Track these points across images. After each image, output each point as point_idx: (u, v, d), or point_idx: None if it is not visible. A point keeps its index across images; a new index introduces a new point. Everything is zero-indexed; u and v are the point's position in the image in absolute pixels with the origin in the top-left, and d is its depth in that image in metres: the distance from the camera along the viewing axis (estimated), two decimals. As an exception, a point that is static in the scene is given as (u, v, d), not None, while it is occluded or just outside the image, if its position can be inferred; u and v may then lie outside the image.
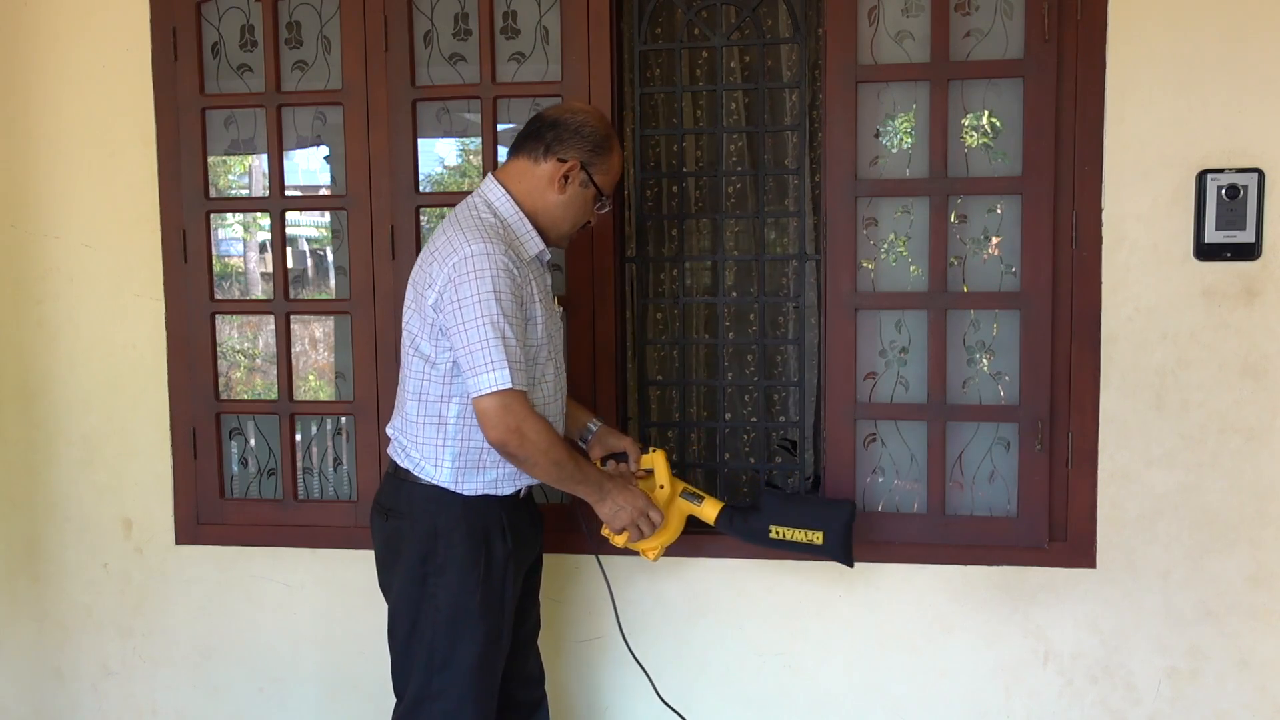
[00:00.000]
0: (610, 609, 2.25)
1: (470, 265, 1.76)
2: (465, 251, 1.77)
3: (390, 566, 1.97)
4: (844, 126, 2.23)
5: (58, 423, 2.55)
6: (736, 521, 2.10)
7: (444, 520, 1.88)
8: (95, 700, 2.61)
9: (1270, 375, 2.16)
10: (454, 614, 1.87)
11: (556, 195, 1.90)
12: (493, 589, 1.89)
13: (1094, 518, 2.22)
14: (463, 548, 1.87)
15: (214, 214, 2.52)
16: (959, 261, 2.27)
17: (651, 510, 2.00)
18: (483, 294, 1.76)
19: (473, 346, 1.76)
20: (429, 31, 2.40)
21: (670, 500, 2.08)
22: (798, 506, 2.12)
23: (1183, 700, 2.25)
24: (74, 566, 2.58)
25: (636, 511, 1.98)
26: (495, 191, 1.91)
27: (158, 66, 2.43)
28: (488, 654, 1.90)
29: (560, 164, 1.88)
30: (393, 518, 1.94)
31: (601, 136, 1.91)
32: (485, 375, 1.76)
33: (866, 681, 2.34)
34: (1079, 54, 2.15)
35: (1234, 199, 2.12)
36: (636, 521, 1.98)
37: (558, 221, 1.93)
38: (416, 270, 1.90)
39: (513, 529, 1.93)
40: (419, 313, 1.86)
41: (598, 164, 1.91)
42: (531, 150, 1.90)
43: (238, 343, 3.74)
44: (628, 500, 1.97)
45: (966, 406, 2.28)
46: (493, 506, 1.91)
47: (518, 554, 1.94)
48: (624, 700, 2.43)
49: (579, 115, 1.91)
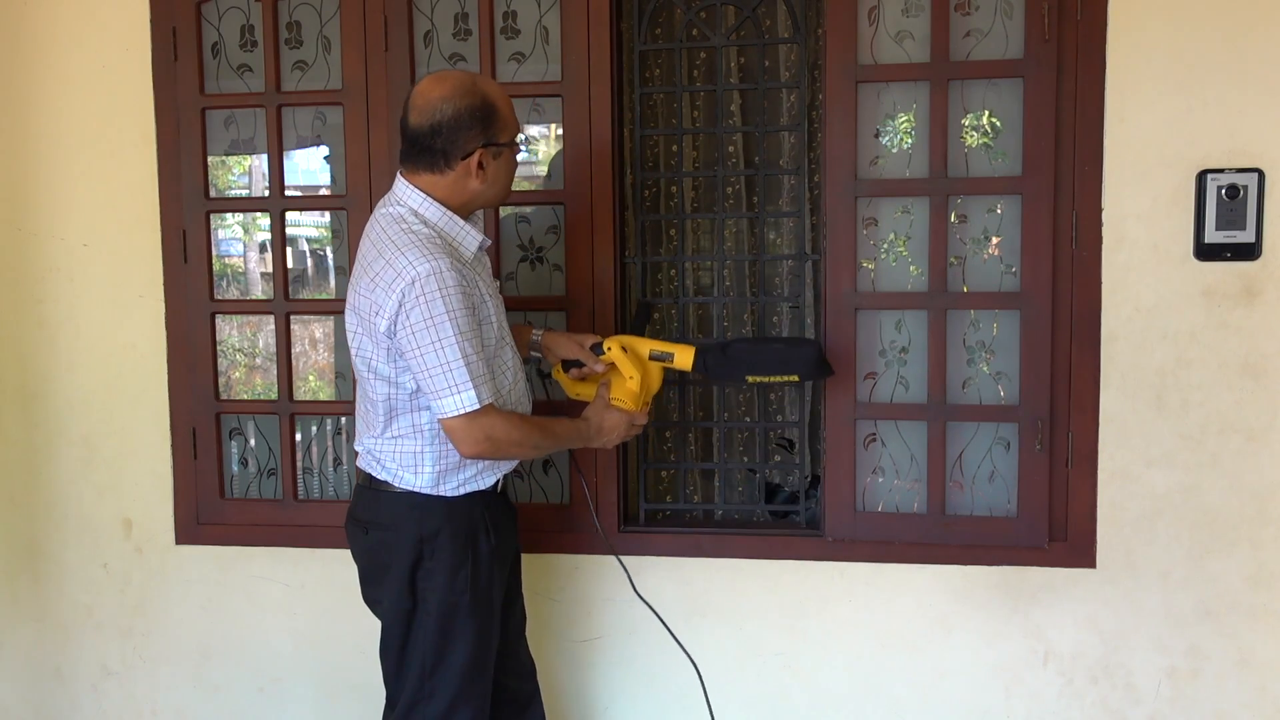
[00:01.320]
0: (610, 610, 2.25)
1: (419, 289, 1.71)
2: (411, 274, 1.71)
3: (376, 580, 1.95)
4: (844, 126, 2.23)
5: (58, 423, 2.55)
6: (712, 366, 2.07)
7: (428, 526, 1.87)
8: (95, 700, 2.61)
9: (1270, 375, 2.16)
10: (445, 616, 1.87)
11: (478, 184, 1.82)
12: (480, 587, 1.89)
13: (1094, 518, 2.22)
14: (449, 550, 1.87)
15: (214, 214, 2.52)
16: (959, 261, 2.27)
17: (636, 419, 2.05)
18: (436, 316, 1.72)
19: (432, 371, 1.74)
20: (429, 31, 2.40)
21: (644, 372, 2.06)
22: (767, 356, 2.10)
23: (1183, 700, 2.25)
24: (74, 566, 2.58)
25: (623, 430, 2.04)
26: (414, 197, 1.81)
27: (158, 66, 2.43)
28: (479, 652, 1.90)
29: (465, 160, 1.79)
30: (374, 530, 1.93)
31: (481, 105, 1.77)
32: (450, 399, 1.75)
33: (866, 681, 2.34)
34: (1079, 54, 2.15)
35: (1234, 199, 2.12)
36: (629, 434, 2.05)
37: (492, 198, 1.89)
38: (353, 294, 1.83)
39: (494, 526, 1.93)
40: (369, 337, 1.81)
41: (495, 130, 1.80)
42: (429, 164, 1.80)
43: (238, 343, 3.74)
44: (610, 428, 2.02)
45: (966, 406, 2.28)
46: (475, 506, 1.91)
47: (500, 549, 1.94)
48: (623, 700, 2.43)
49: (445, 105, 1.76)
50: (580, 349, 2.08)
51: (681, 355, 2.08)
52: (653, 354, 2.08)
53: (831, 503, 2.31)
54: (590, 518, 2.38)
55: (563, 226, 2.41)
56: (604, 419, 2.02)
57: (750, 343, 2.21)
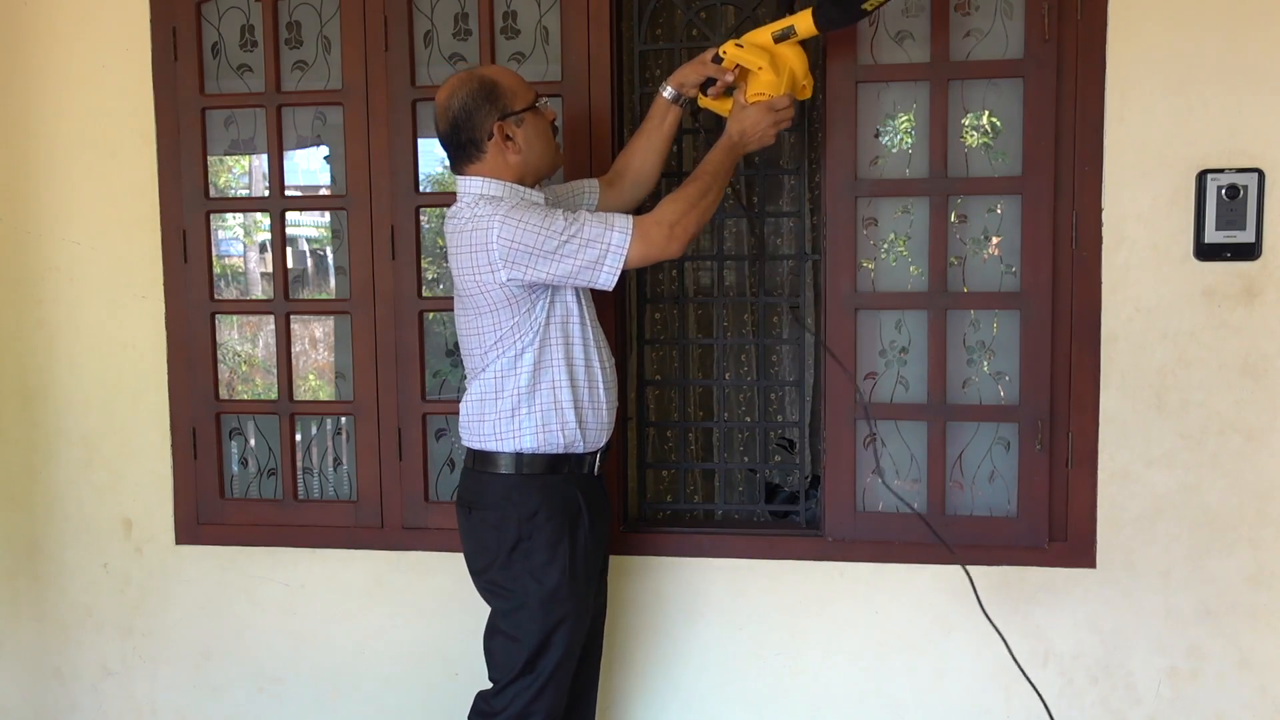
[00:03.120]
0: (610, 610, 2.25)
1: (509, 224, 1.79)
2: (495, 222, 1.80)
3: (479, 558, 1.98)
4: (844, 126, 2.23)
5: (58, 423, 2.55)
6: (832, 14, 1.97)
7: (527, 506, 1.90)
8: (95, 700, 2.61)
9: (1270, 375, 2.16)
10: (548, 596, 1.90)
11: (517, 155, 1.90)
12: (578, 567, 1.93)
13: (1094, 518, 2.22)
14: (548, 529, 1.90)
15: (214, 214, 2.52)
16: (959, 261, 2.27)
17: (775, 103, 1.98)
18: (534, 224, 1.79)
19: (576, 253, 1.81)
20: (429, 31, 2.40)
21: (774, 58, 1.99)
22: None
23: (1183, 700, 2.25)
24: (74, 566, 2.58)
25: (769, 120, 1.98)
26: (474, 184, 1.91)
27: (158, 66, 2.43)
28: (578, 630, 1.95)
29: (491, 140, 1.88)
30: (476, 510, 1.96)
31: (484, 86, 1.88)
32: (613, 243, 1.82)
33: (866, 681, 2.34)
34: (1079, 54, 2.15)
35: (1234, 199, 2.12)
36: (775, 123, 1.99)
37: (539, 161, 1.94)
38: (460, 280, 1.90)
39: (590, 507, 1.96)
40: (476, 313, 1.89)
41: (503, 101, 1.88)
42: (469, 155, 1.91)
43: (238, 343, 3.74)
44: (752, 126, 1.98)
45: (966, 406, 2.28)
46: (571, 486, 1.94)
47: (595, 531, 1.97)
48: (623, 700, 2.43)
49: (454, 101, 1.88)
50: (702, 65, 2.05)
51: (801, 22, 1.97)
52: (774, 35, 2.00)
53: (831, 503, 2.31)
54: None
55: (563, 226, 2.41)
56: (742, 122, 1.99)
57: None
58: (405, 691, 2.48)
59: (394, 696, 2.48)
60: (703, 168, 1.96)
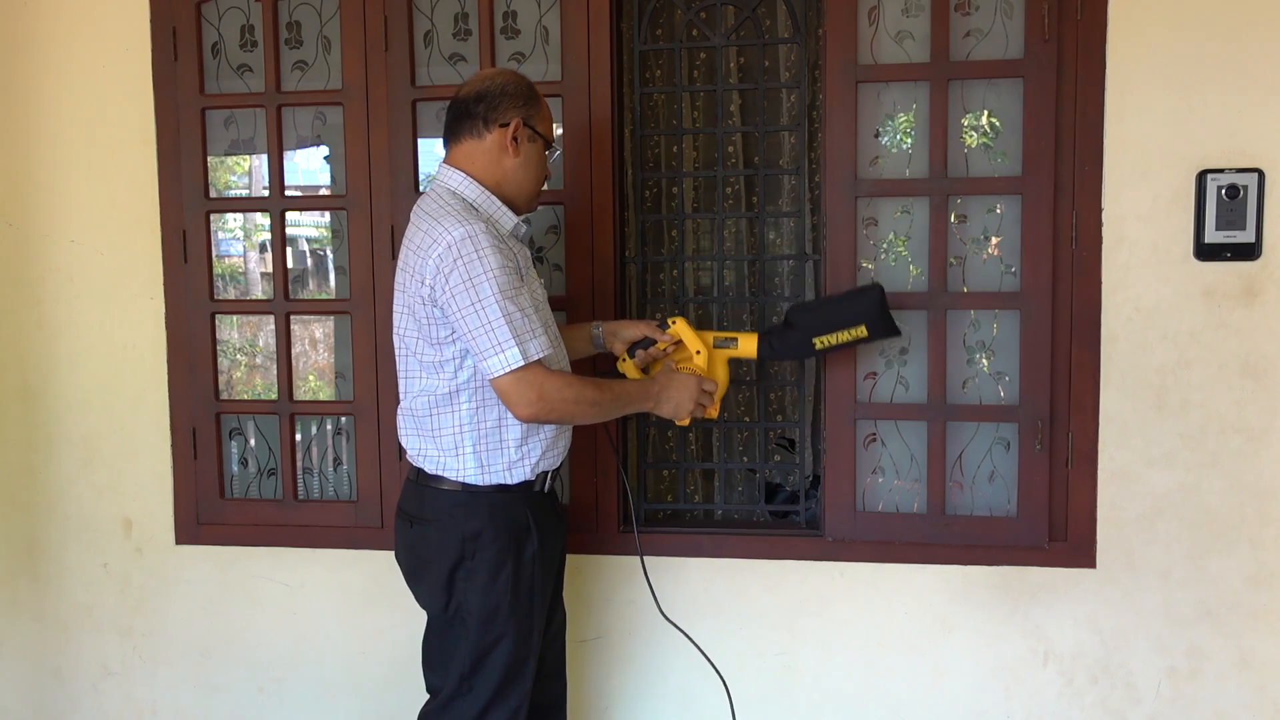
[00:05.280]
0: (610, 610, 2.25)
1: (456, 252, 1.75)
2: (448, 239, 1.76)
3: (418, 573, 1.96)
4: (844, 126, 2.23)
5: (58, 423, 2.55)
6: (777, 346, 2.07)
7: (472, 525, 1.87)
8: (95, 700, 2.61)
9: (1270, 375, 2.16)
10: (486, 616, 1.87)
11: (512, 159, 1.90)
12: (523, 589, 1.89)
13: (1094, 518, 2.22)
14: (492, 550, 1.87)
15: (214, 214, 2.52)
16: (959, 261, 2.27)
17: (704, 383, 2.02)
18: (474, 278, 1.75)
19: (475, 332, 1.77)
20: (429, 31, 2.40)
21: (708, 360, 2.06)
22: (829, 311, 2.08)
23: (1183, 700, 2.25)
24: (74, 566, 2.58)
25: (694, 393, 2.01)
26: (454, 177, 1.89)
27: (158, 66, 2.43)
28: (519, 653, 1.90)
29: (504, 129, 1.88)
30: (418, 524, 1.93)
31: (526, 89, 1.92)
32: (495, 358, 1.77)
33: (866, 681, 2.34)
34: (1079, 54, 2.15)
35: (1234, 199, 2.12)
36: (698, 401, 2.01)
37: (522, 184, 1.93)
38: (400, 272, 1.89)
39: (540, 527, 1.92)
40: (410, 314, 1.86)
41: (534, 115, 1.92)
42: (470, 129, 1.90)
43: (238, 343, 3.75)
44: (680, 389, 2.00)
45: (966, 406, 2.28)
46: (519, 505, 1.91)
47: (545, 551, 1.94)
48: (623, 700, 2.43)
49: (497, 79, 1.91)
50: (646, 325, 2.10)
51: (745, 341, 2.07)
52: (717, 340, 2.07)
53: (831, 503, 2.31)
54: (591, 518, 2.38)
55: (563, 227, 2.41)
56: (670, 380, 2.00)
57: (808, 306, 2.18)
58: (405, 692, 2.47)
59: (393, 697, 2.48)
60: (614, 388, 1.92)
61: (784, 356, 2.11)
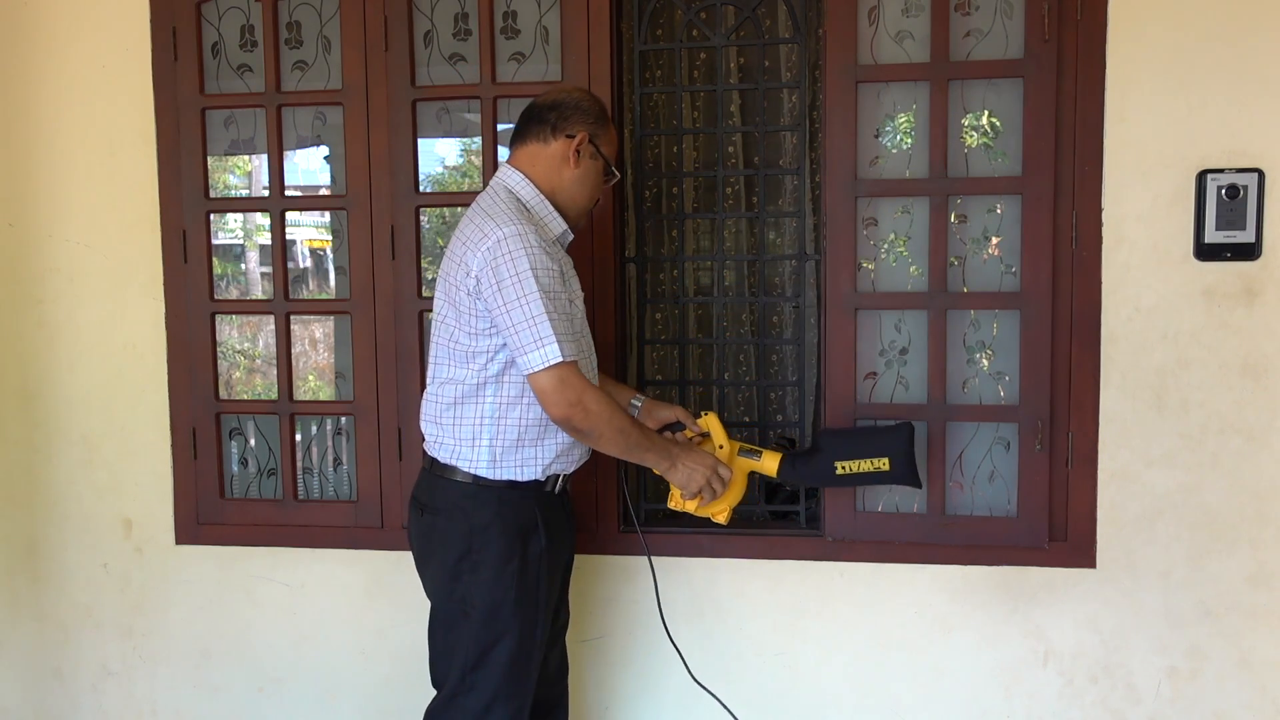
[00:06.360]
0: (610, 610, 2.25)
1: (505, 247, 1.79)
2: (498, 235, 1.80)
3: (426, 562, 1.98)
4: (844, 126, 2.23)
5: (58, 423, 2.55)
6: (800, 468, 2.10)
7: (480, 518, 1.89)
8: (95, 700, 2.61)
9: (1270, 375, 2.16)
10: (490, 611, 1.88)
11: (571, 171, 1.94)
12: (527, 586, 1.90)
13: (1094, 518, 2.22)
14: (498, 545, 1.88)
15: (214, 214, 2.52)
16: (959, 261, 2.27)
17: (721, 467, 2.03)
18: (521, 273, 1.78)
19: (518, 326, 1.79)
20: (429, 31, 2.40)
21: (730, 460, 2.08)
22: (857, 439, 2.12)
23: (1183, 700, 2.25)
24: (74, 566, 2.58)
25: (709, 470, 2.00)
26: (513, 177, 1.94)
27: (158, 66, 2.43)
28: (522, 651, 1.91)
29: (569, 140, 1.93)
30: (428, 513, 1.95)
31: (599, 110, 1.98)
32: (535, 353, 1.78)
33: (866, 681, 2.34)
34: (1079, 54, 2.15)
35: (1234, 199, 2.12)
36: (710, 481, 2.01)
37: (575, 198, 1.97)
38: (446, 261, 1.92)
39: (548, 526, 1.93)
40: (452, 305, 1.88)
41: (601, 136, 1.97)
42: (538, 133, 1.95)
43: (238, 343, 3.75)
44: (697, 462, 2.00)
45: (966, 406, 2.28)
46: (528, 503, 1.92)
47: (552, 551, 1.94)
48: (623, 701, 2.43)
49: (574, 94, 1.98)
50: (681, 411, 2.14)
51: (769, 459, 2.10)
52: (742, 449, 2.11)
53: (831, 503, 2.31)
54: (591, 518, 2.38)
55: (563, 226, 2.41)
56: (691, 451, 2.02)
57: (839, 432, 2.22)
58: (405, 692, 2.47)
59: (393, 697, 2.48)
60: (643, 430, 1.95)
61: (803, 481, 2.14)
